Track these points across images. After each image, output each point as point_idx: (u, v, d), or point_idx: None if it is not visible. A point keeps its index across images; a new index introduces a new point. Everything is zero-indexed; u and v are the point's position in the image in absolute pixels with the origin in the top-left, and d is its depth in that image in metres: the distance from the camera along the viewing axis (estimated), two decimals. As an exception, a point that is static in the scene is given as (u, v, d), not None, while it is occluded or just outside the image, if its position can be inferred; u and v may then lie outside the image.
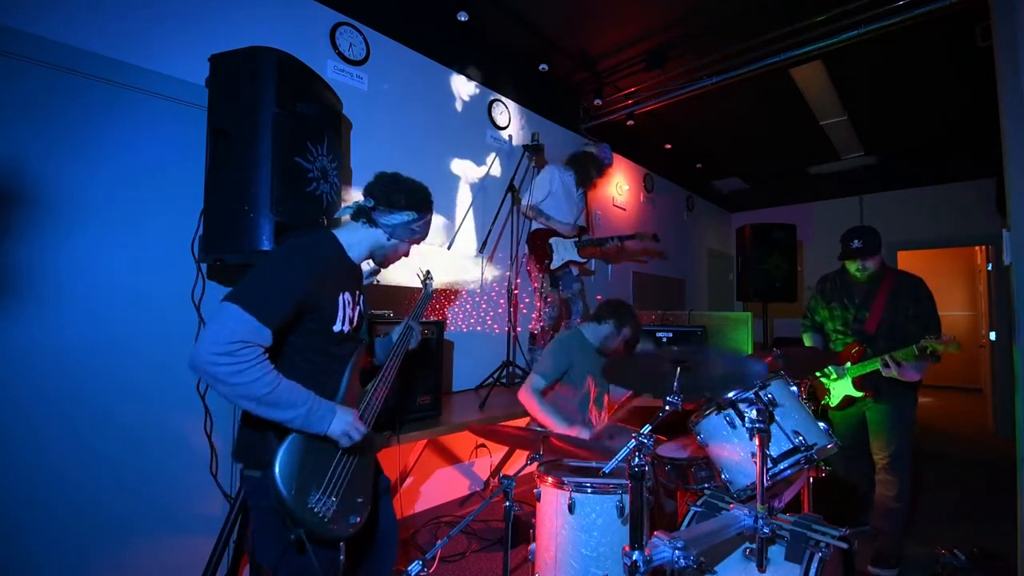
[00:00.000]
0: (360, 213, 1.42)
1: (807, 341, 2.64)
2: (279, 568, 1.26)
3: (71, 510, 1.69)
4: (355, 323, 1.41)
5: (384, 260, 1.50)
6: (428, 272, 1.88)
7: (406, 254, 1.53)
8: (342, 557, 1.25)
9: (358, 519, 1.29)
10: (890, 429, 2.32)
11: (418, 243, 1.53)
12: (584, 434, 2.13)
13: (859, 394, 2.35)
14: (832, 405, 2.46)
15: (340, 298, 1.33)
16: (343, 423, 1.23)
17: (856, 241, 2.32)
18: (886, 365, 2.19)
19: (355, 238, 1.42)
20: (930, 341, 2.11)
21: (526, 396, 2.30)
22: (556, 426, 2.18)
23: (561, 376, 2.37)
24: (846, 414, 2.47)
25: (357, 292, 1.43)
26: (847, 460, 2.48)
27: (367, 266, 1.54)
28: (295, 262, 1.26)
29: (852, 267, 2.38)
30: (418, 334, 1.67)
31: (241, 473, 1.32)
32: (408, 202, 1.43)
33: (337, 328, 1.32)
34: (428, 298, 1.82)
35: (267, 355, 1.14)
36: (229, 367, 1.07)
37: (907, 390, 2.32)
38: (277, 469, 1.14)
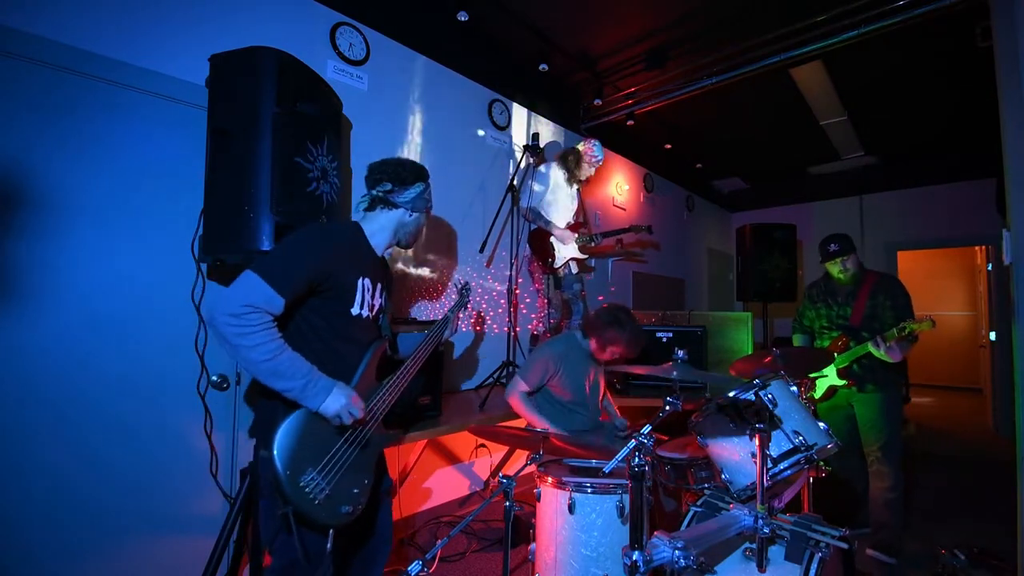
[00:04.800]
0: (377, 200, 1.49)
1: (796, 342, 2.85)
2: (273, 552, 1.28)
3: (70, 510, 1.68)
4: (375, 310, 1.47)
5: (409, 239, 1.57)
6: (467, 284, 2.04)
7: (424, 228, 1.63)
8: (329, 545, 1.24)
9: (350, 509, 1.28)
10: (879, 421, 2.45)
11: (429, 212, 1.63)
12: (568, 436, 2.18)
13: (842, 382, 2.50)
14: (817, 397, 2.59)
15: (360, 281, 1.38)
16: (338, 403, 1.25)
17: (832, 245, 2.57)
18: (876, 345, 2.33)
19: (377, 224, 1.50)
20: (907, 322, 2.28)
21: (513, 399, 2.38)
22: (542, 425, 2.25)
23: (542, 385, 2.41)
24: (834, 410, 2.58)
25: (379, 283, 1.49)
26: (839, 458, 2.52)
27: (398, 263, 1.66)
28: (315, 239, 1.33)
29: (835, 270, 2.60)
30: (452, 327, 1.80)
31: (255, 452, 1.40)
32: (415, 175, 1.54)
33: (355, 311, 1.38)
34: (462, 307, 1.93)
35: (275, 323, 1.20)
36: (236, 328, 1.14)
37: (891, 382, 2.48)
38: (276, 442, 1.17)
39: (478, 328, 3.26)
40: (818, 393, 2.58)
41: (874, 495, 2.46)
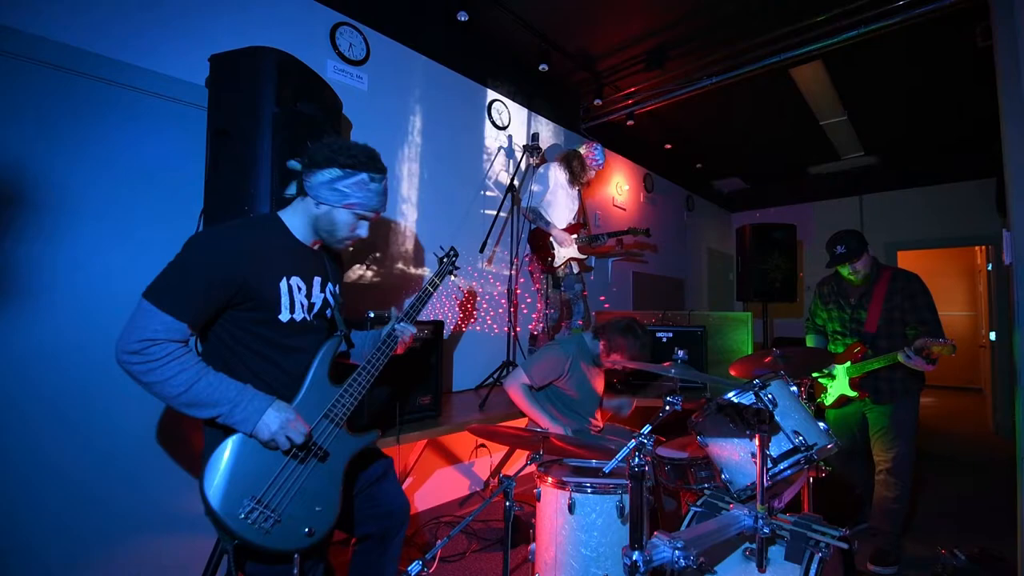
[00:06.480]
0: (297, 186, 1.28)
1: (810, 342, 2.68)
2: None
3: (71, 509, 1.69)
4: (315, 310, 1.30)
5: (329, 236, 1.29)
6: (452, 249, 1.69)
7: (353, 229, 1.29)
8: (296, 571, 1.14)
9: (310, 530, 1.17)
10: (893, 433, 2.31)
11: (368, 217, 1.29)
12: (567, 432, 2.19)
13: (854, 394, 2.36)
14: (827, 404, 2.48)
15: (283, 283, 1.21)
16: (272, 425, 1.11)
17: (840, 247, 2.36)
18: (908, 357, 2.14)
19: (295, 214, 1.29)
20: (926, 342, 2.10)
21: (514, 390, 2.36)
22: (542, 421, 2.26)
23: (548, 384, 2.41)
24: (844, 414, 2.48)
25: (316, 277, 1.31)
26: (844, 460, 2.50)
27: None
28: (212, 248, 1.14)
29: (844, 271, 2.42)
30: (403, 332, 1.46)
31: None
32: (328, 156, 1.20)
33: (285, 317, 1.21)
34: (442, 275, 1.64)
35: (186, 346, 1.08)
36: (140, 365, 1.03)
37: (909, 394, 2.31)
38: (205, 474, 1.07)
39: (478, 328, 3.26)
40: (829, 400, 2.45)
41: (877, 501, 2.37)
